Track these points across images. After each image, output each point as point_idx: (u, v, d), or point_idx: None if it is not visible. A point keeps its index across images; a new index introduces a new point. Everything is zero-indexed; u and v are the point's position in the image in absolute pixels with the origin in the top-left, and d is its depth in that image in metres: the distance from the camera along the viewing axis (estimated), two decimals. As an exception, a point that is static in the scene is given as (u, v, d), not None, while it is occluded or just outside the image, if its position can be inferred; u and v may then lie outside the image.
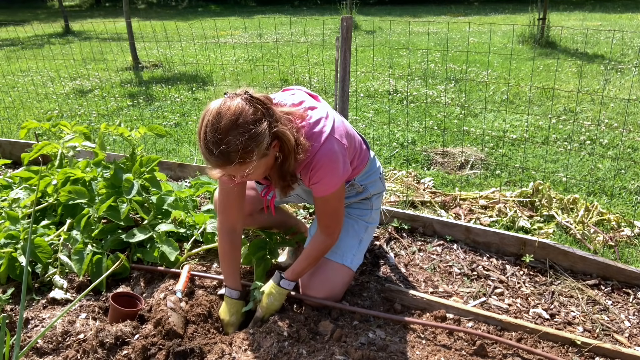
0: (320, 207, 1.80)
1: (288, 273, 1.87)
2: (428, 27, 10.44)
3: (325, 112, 1.72)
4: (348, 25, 2.70)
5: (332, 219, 1.83)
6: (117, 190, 2.38)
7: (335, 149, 1.66)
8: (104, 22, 13.04)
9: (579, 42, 8.20)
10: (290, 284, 1.86)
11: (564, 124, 4.30)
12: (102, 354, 1.68)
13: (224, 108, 1.46)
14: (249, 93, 1.50)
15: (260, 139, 1.47)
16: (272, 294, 1.85)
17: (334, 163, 1.66)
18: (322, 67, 6.44)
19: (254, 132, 1.45)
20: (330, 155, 1.65)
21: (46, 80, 6.80)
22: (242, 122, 1.44)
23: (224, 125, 1.44)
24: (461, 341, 1.80)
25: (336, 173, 1.68)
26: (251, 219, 2.13)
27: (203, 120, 1.47)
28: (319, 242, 1.85)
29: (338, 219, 1.84)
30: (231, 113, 1.44)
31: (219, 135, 1.44)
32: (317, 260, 1.90)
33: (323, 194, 1.72)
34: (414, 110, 4.89)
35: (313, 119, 1.67)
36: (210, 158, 1.48)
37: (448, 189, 3.10)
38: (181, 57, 8.06)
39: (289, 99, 1.74)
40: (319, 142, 1.64)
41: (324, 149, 1.64)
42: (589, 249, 2.42)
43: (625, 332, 1.91)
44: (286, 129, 1.55)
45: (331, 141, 1.66)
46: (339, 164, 1.67)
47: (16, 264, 2.10)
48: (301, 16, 14.10)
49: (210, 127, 1.45)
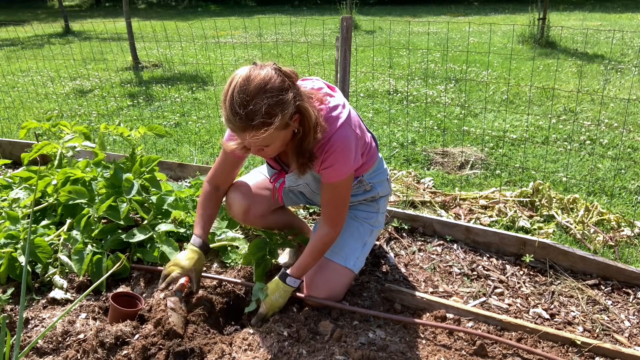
0: (327, 195, 1.80)
1: (293, 270, 1.87)
2: (428, 27, 10.44)
3: (342, 101, 1.77)
4: (348, 25, 2.71)
5: (337, 210, 1.83)
6: (117, 190, 2.38)
7: (349, 136, 1.69)
8: (104, 22, 13.04)
9: (579, 42, 8.20)
10: (295, 282, 1.85)
11: (564, 124, 4.31)
12: (102, 354, 1.68)
13: (254, 74, 1.50)
14: (277, 64, 1.56)
15: (286, 107, 1.51)
16: (277, 290, 1.85)
17: (347, 149, 1.69)
18: (322, 67, 6.44)
19: (281, 98, 1.50)
20: (345, 141, 1.68)
21: (46, 80, 6.80)
22: (270, 88, 1.49)
23: (252, 88, 1.48)
24: (461, 341, 1.80)
25: (348, 160, 1.70)
26: (262, 220, 2.13)
27: (231, 84, 1.52)
28: (322, 234, 1.85)
29: (342, 210, 1.84)
30: (260, 78, 1.49)
31: (247, 97, 1.48)
32: (320, 254, 1.89)
33: (332, 180, 1.73)
34: (414, 110, 4.89)
35: (331, 104, 1.72)
36: (234, 119, 1.51)
37: (448, 189, 3.10)
38: (181, 57, 8.06)
39: (309, 84, 1.79)
40: (335, 126, 1.68)
41: (339, 133, 1.68)
42: (589, 249, 2.42)
43: (625, 332, 1.91)
44: (308, 105, 1.60)
45: (346, 128, 1.70)
46: (352, 151, 1.70)
47: (16, 264, 2.10)
48: (301, 16, 14.11)
49: (239, 89, 1.49)
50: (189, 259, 1.89)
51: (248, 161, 3.57)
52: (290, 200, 2.21)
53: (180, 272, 1.86)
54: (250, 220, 2.10)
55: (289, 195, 2.20)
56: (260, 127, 1.50)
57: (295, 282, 1.86)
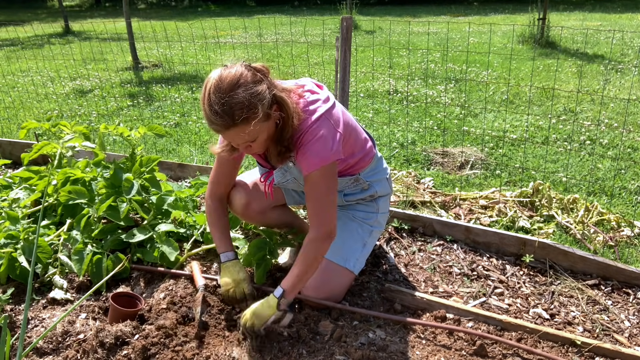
0: (309, 191, 1.74)
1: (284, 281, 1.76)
2: (428, 27, 10.44)
3: (325, 97, 1.78)
4: (348, 25, 2.71)
5: (319, 207, 1.74)
6: (117, 190, 2.38)
7: (324, 127, 1.70)
8: (104, 22, 13.04)
9: (579, 42, 8.20)
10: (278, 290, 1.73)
11: (564, 124, 4.31)
12: (102, 354, 1.68)
13: (225, 73, 1.55)
14: (247, 62, 1.60)
15: (262, 97, 1.55)
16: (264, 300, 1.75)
17: (322, 140, 1.69)
18: (322, 67, 6.44)
19: (255, 90, 1.54)
20: (319, 132, 1.69)
21: (46, 80, 6.80)
22: (243, 82, 1.53)
23: (226, 85, 1.52)
24: (461, 341, 1.80)
25: (323, 150, 1.68)
26: (262, 216, 2.13)
27: (206, 87, 1.55)
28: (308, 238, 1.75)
29: (325, 207, 1.74)
30: (232, 76, 1.54)
31: (222, 95, 1.51)
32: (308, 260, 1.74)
33: (309, 170, 1.70)
34: (414, 110, 4.89)
35: (310, 99, 1.75)
36: (216, 119, 1.53)
37: (448, 189, 3.10)
38: (181, 57, 8.06)
39: (292, 82, 1.82)
40: (310, 119, 1.70)
41: (314, 125, 1.69)
42: (589, 249, 2.42)
43: (625, 332, 1.91)
44: (284, 95, 1.63)
45: (323, 120, 1.71)
46: (327, 142, 1.69)
47: (16, 264, 2.10)
48: (301, 16, 14.10)
49: (214, 90, 1.52)
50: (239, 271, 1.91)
51: (248, 161, 3.57)
52: (293, 199, 2.21)
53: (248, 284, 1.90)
54: (250, 215, 2.10)
55: (290, 194, 2.20)
56: (242, 122, 1.52)
57: (278, 291, 1.72)
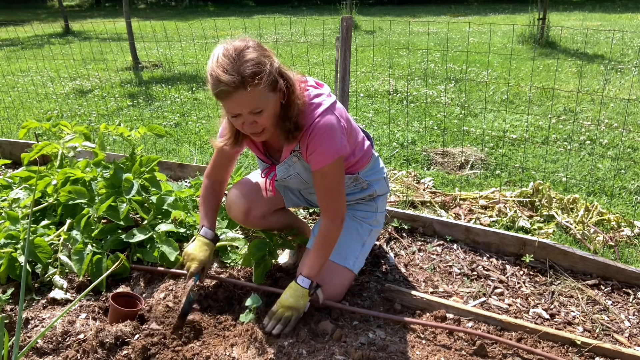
0: (319, 184, 1.79)
1: (303, 268, 1.85)
2: (428, 27, 10.44)
3: (328, 92, 1.80)
4: (348, 25, 2.71)
5: (332, 199, 1.80)
6: (116, 190, 2.38)
7: (332, 121, 1.71)
8: (104, 22, 13.04)
9: (579, 42, 8.20)
10: (304, 280, 1.81)
11: (564, 124, 4.31)
12: (102, 354, 1.68)
13: (231, 43, 1.56)
14: None
15: (270, 62, 1.56)
16: (289, 290, 1.83)
17: (331, 133, 1.69)
18: (322, 67, 6.43)
19: (263, 52, 1.56)
20: (327, 126, 1.69)
21: (46, 80, 6.80)
22: (252, 46, 1.56)
23: (234, 50, 1.53)
24: (461, 341, 1.80)
25: (332, 143, 1.70)
26: (263, 221, 2.13)
27: (213, 59, 1.55)
28: (322, 229, 1.83)
29: (337, 199, 1.81)
30: (238, 44, 1.56)
31: (232, 56, 1.51)
32: (325, 249, 1.84)
33: (320, 165, 1.72)
34: (414, 110, 4.89)
35: (313, 93, 1.75)
36: (227, 78, 1.50)
37: (448, 189, 3.10)
38: (181, 57, 8.05)
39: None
40: (317, 112, 1.70)
41: (321, 118, 1.69)
42: (589, 249, 2.42)
43: (625, 332, 1.91)
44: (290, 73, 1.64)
45: (329, 113, 1.71)
46: (336, 136, 1.70)
47: (16, 264, 2.10)
48: (301, 16, 14.10)
49: (222, 56, 1.52)
50: (204, 250, 1.92)
51: (248, 161, 3.57)
52: (291, 201, 2.22)
53: (197, 265, 1.89)
54: (251, 221, 2.09)
55: (289, 196, 2.20)
56: (251, 80, 1.50)
57: (304, 281, 1.81)
